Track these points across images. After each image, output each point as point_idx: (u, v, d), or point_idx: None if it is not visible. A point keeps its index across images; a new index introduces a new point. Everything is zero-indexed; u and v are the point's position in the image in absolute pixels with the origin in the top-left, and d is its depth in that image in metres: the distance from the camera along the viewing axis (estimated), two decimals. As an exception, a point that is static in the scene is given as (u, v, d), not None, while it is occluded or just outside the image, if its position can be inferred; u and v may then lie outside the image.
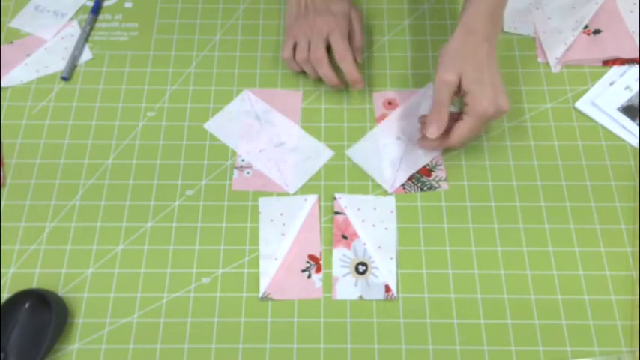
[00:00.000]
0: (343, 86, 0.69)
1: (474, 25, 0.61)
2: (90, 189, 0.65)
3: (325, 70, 0.67)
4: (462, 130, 0.61)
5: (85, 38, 0.75)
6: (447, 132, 0.63)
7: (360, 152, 0.67)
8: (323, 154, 0.67)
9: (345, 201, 0.64)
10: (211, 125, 0.69)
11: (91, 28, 0.76)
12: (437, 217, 0.63)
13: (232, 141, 0.68)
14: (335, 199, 0.64)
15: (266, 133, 0.68)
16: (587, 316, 0.58)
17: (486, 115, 0.60)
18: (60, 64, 0.73)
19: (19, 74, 0.72)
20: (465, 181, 0.65)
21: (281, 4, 0.78)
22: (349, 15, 0.71)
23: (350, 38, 0.70)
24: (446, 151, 0.67)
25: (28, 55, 0.74)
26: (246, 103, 0.70)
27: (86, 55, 0.74)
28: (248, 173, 0.66)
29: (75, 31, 0.76)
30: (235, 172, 0.66)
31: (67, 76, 0.72)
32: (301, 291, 0.60)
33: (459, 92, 0.61)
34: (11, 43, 0.75)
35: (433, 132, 0.61)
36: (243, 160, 0.66)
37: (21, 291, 0.58)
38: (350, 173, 0.66)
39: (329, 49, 0.68)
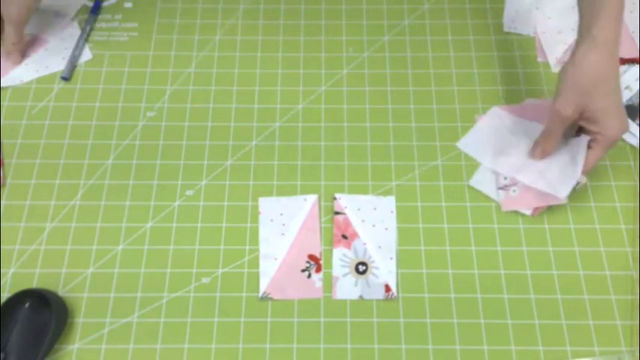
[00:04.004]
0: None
1: (605, 36, 0.54)
2: (90, 189, 0.65)
3: None
4: (593, 159, 0.58)
5: (85, 38, 0.75)
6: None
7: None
8: (581, 150, 0.59)
9: (345, 201, 0.64)
10: (464, 144, 0.67)
11: (91, 28, 0.76)
12: (437, 217, 0.63)
13: (489, 159, 0.65)
14: (335, 199, 0.64)
15: (523, 145, 0.65)
16: (587, 316, 0.58)
17: (618, 140, 0.57)
18: (60, 64, 0.73)
19: (19, 74, 0.72)
20: (465, 181, 0.65)
21: (281, 4, 0.78)
22: None
23: None
24: (444, 151, 0.67)
25: (28, 56, 0.74)
26: (495, 119, 0.68)
27: (86, 55, 0.74)
28: (514, 191, 0.63)
29: (75, 31, 0.76)
30: (501, 193, 0.63)
31: (67, 76, 0.72)
32: (301, 291, 0.60)
33: (579, 119, 0.58)
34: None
35: (537, 155, 0.62)
36: (505, 179, 0.63)
37: (21, 291, 0.58)
38: (350, 173, 0.66)
39: None
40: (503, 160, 0.65)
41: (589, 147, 0.59)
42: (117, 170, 0.66)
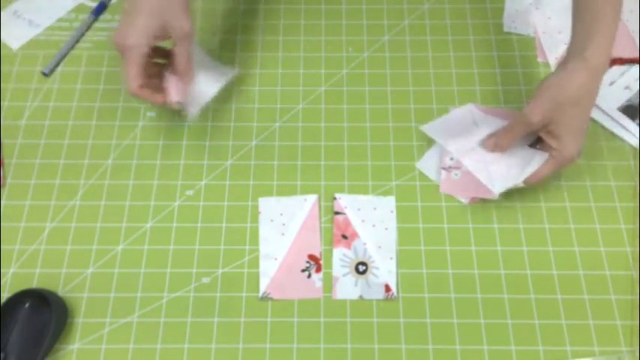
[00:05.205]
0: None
1: (597, 60, 0.55)
2: (90, 189, 0.65)
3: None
4: (544, 172, 0.59)
5: (77, 39, 0.75)
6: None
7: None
8: (535, 162, 0.59)
9: (345, 201, 0.64)
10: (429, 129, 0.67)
11: (88, 28, 0.76)
12: (437, 217, 0.63)
13: (444, 138, 0.64)
14: (335, 199, 0.64)
15: (480, 135, 0.64)
16: (587, 316, 0.58)
17: (571, 162, 0.58)
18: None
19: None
20: (465, 181, 0.65)
21: (281, 4, 0.78)
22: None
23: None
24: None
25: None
26: (467, 112, 0.68)
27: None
28: (456, 175, 0.63)
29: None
30: (443, 172, 0.64)
31: (47, 72, 0.72)
32: (301, 291, 0.60)
33: (541, 129, 0.58)
34: None
35: (488, 145, 0.62)
36: (451, 159, 0.64)
37: (21, 291, 0.58)
38: (350, 173, 0.66)
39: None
40: (457, 142, 0.64)
41: (546, 160, 0.59)
42: (117, 170, 0.66)
